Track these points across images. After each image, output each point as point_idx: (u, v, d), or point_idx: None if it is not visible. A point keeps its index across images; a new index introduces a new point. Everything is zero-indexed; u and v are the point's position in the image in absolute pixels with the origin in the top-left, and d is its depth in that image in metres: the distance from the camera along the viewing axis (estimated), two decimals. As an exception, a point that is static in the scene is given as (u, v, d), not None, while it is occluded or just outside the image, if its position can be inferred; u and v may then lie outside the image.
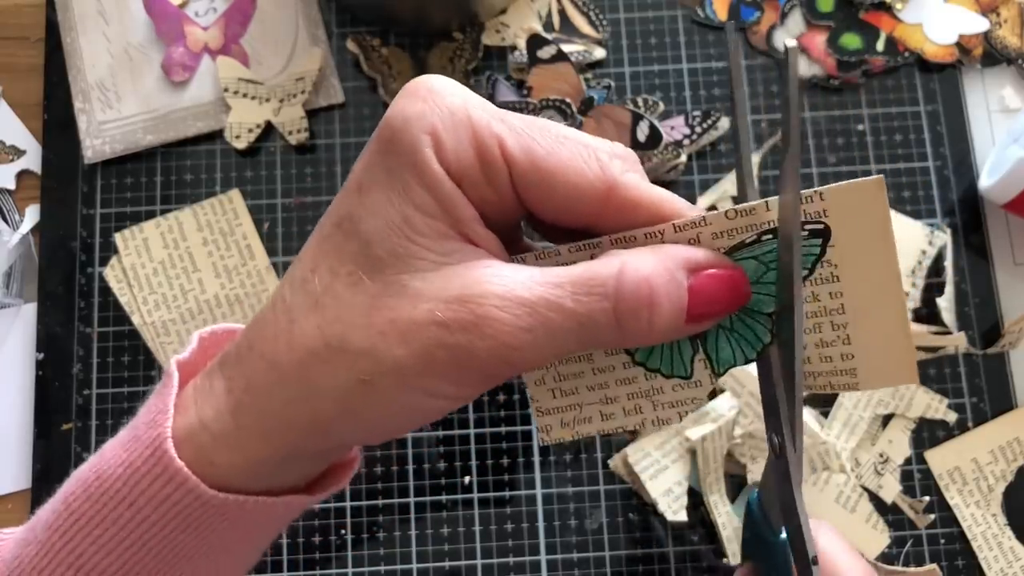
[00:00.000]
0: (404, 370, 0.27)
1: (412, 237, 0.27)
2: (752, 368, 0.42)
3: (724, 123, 0.57)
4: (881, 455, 0.52)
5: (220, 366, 0.30)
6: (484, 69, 0.58)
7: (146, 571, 0.31)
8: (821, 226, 0.27)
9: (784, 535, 0.33)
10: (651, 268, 0.27)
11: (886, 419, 0.53)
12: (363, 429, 0.29)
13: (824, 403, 0.53)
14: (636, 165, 0.29)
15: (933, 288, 0.54)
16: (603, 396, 0.31)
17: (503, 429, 0.52)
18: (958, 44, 0.58)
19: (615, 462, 0.52)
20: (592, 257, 0.28)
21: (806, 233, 0.27)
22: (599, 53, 0.58)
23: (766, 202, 0.27)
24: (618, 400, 0.30)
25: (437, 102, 0.27)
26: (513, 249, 0.30)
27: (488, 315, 0.26)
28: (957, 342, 0.53)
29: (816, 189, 0.27)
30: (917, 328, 0.53)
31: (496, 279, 0.27)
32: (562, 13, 0.59)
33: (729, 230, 0.28)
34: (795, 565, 0.31)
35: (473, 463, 0.52)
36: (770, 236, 0.27)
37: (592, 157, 0.28)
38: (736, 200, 0.45)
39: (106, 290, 0.54)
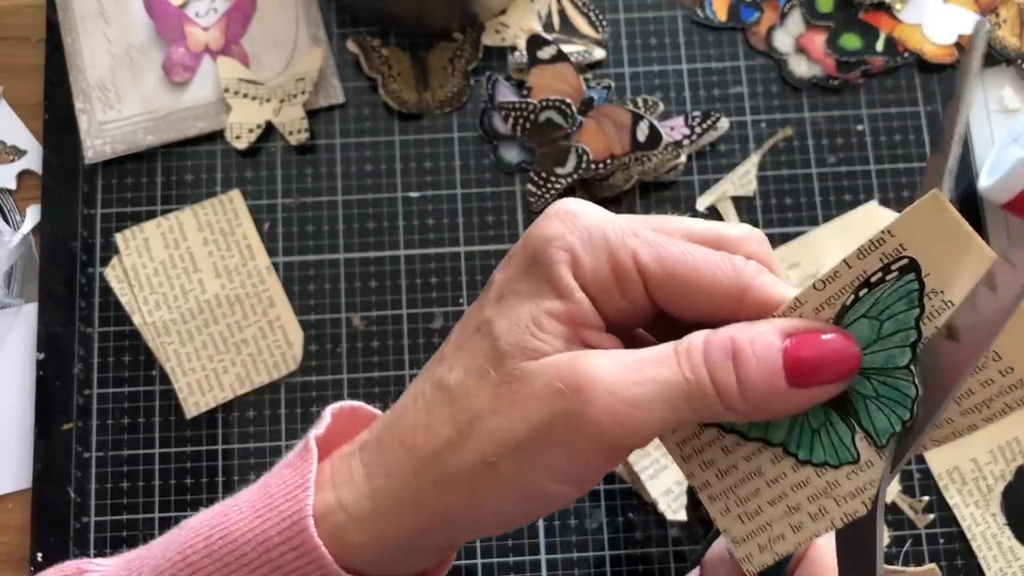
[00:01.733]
0: (524, 447, 0.28)
1: (536, 334, 0.29)
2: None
3: (724, 123, 0.57)
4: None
5: (360, 451, 0.32)
6: (484, 69, 0.58)
7: None
8: (906, 260, 0.27)
9: None
10: (733, 329, 0.28)
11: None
12: (489, 515, 0.30)
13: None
14: (763, 244, 0.30)
15: (933, 288, 0.54)
16: (785, 507, 0.30)
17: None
18: (958, 44, 0.58)
19: (615, 462, 0.52)
20: None
21: (895, 274, 0.27)
22: (599, 53, 0.58)
23: (844, 261, 0.28)
24: (801, 507, 0.30)
25: (576, 223, 0.29)
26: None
27: (596, 370, 0.27)
28: (957, 342, 0.53)
29: (882, 230, 0.27)
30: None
31: (602, 352, 0.28)
32: (562, 13, 0.59)
33: (827, 301, 0.28)
34: None
35: (473, 463, 0.52)
36: (865, 289, 0.28)
37: (725, 261, 0.29)
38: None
39: (107, 290, 0.54)
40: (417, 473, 0.30)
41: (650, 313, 0.30)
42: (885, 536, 0.51)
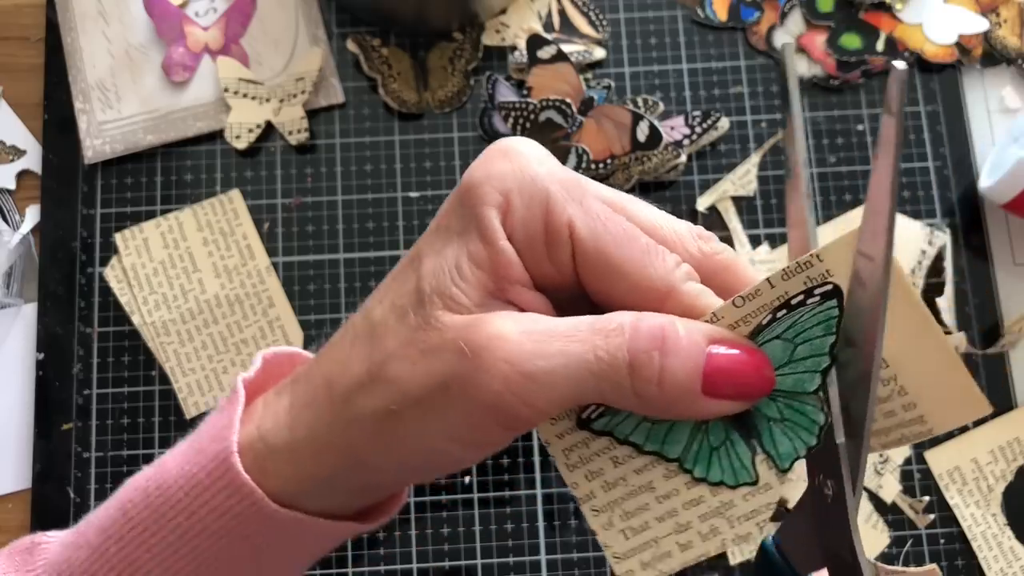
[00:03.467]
0: (423, 403, 0.27)
1: (457, 281, 0.28)
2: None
3: (724, 123, 0.57)
4: (881, 455, 0.52)
5: (292, 382, 0.32)
6: (484, 69, 0.58)
7: None
8: (831, 286, 0.26)
9: None
10: (668, 319, 0.27)
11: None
12: (394, 463, 0.30)
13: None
14: (712, 243, 0.29)
15: (933, 288, 0.54)
16: (675, 524, 0.29)
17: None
18: (958, 44, 0.58)
19: (615, 462, 0.52)
20: None
21: (817, 298, 0.26)
22: (599, 53, 0.58)
23: (768, 280, 0.27)
24: (691, 525, 0.29)
25: (520, 165, 0.28)
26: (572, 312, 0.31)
27: (501, 335, 0.26)
28: (957, 342, 0.53)
29: (811, 253, 0.26)
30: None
31: (515, 315, 0.27)
32: (562, 13, 0.59)
33: (744, 318, 0.27)
34: None
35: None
36: (784, 311, 0.27)
37: (660, 258, 0.28)
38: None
39: (106, 290, 0.54)
40: (332, 409, 0.29)
41: (572, 287, 0.29)
42: (885, 537, 0.51)
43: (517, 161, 0.28)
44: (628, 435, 0.29)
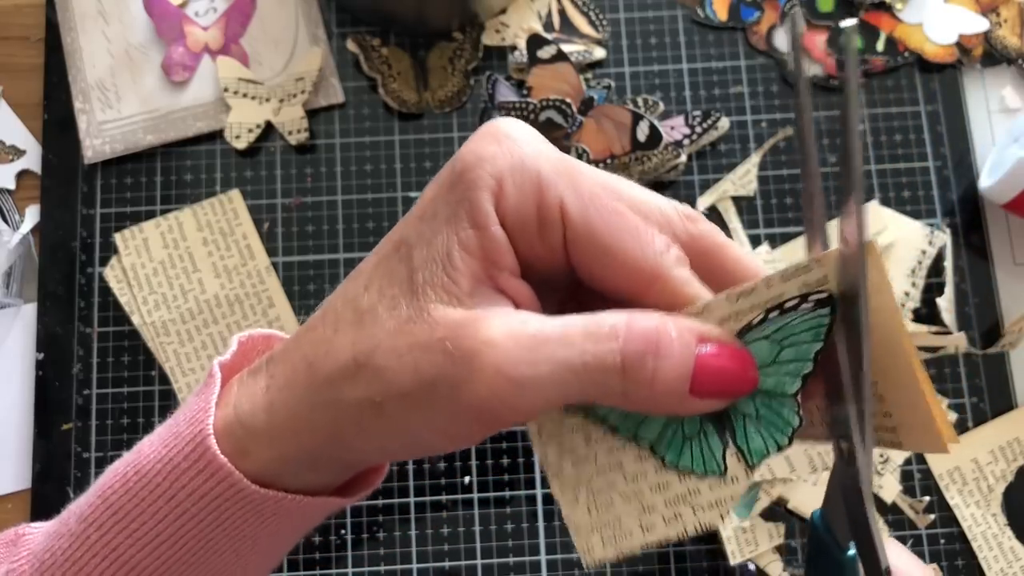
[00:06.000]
0: (408, 398, 0.27)
1: (449, 271, 0.28)
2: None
3: (724, 123, 0.57)
4: (881, 455, 0.52)
5: (267, 363, 0.31)
6: (484, 69, 0.58)
7: (177, 566, 0.31)
8: (826, 294, 0.27)
9: (852, 551, 0.32)
10: (661, 321, 0.27)
11: (886, 419, 0.53)
12: (376, 447, 0.30)
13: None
14: (700, 224, 0.29)
15: (933, 288, 0.54)
16: (640, 505, 0.30)
17: (503, 429, 0.52)
18: (958, 44, 0.58)
19: (615, 462, 0.52)
20: None
21: (811, 304, 0.27)
22: (599, 53, 0.58)
23: (765, 280, 0.27)
24: (656, 508, 0.30)
25: (512, 149, 0.28)
26: (560, 301, 0.31)
27: (491, 342, 0.26)
28: (957, 342, 0.53)
29: (811, 258, 0.27)
30: (917, 328, 0.53)
31: (507, 316, 0.27)
32: (562, 13, 0.59)
33: (735, 314, 0.27)
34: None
35: (473, 463, 0.52)
36: (776, 312, 0.27)
37: (651, 241, 0.28)
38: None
39: (106, 290, 0.54)
40: (312, 391, 0.29)
41: (563, 269, 0.29)
42: (885, 536, 0.51)
43: (508, 143, 0.28)
44: (603, 416, 0.29)
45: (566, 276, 0.30)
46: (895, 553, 0.35)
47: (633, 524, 0.30)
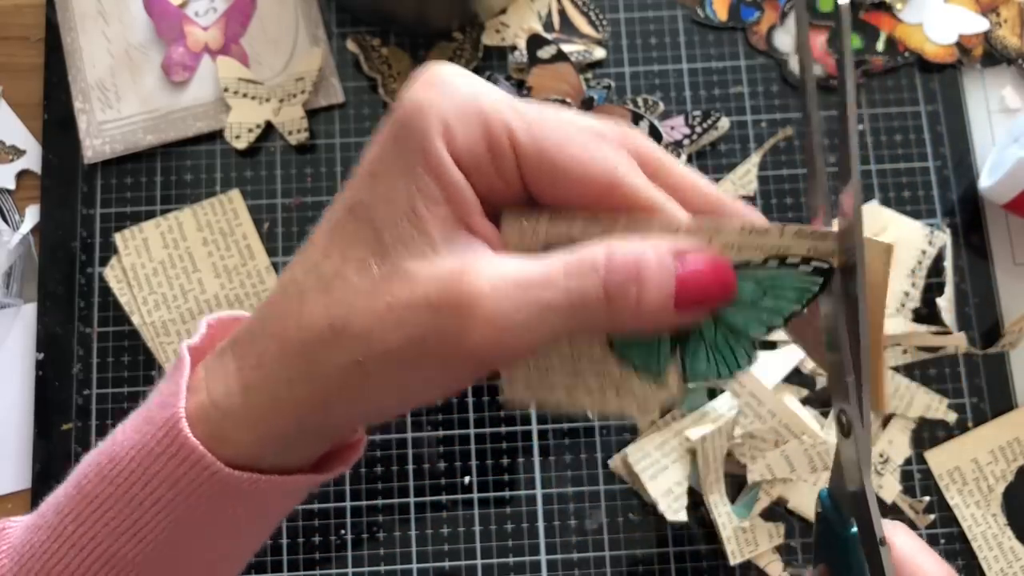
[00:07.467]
0: (395, 355, 0.27)
1: (417, 224, 0.27)
2: (754, 367, 0.41)
3: (724, 123, 0.57)
4: (881, 455, 0.52)
5: (232, 345, 0.31)
6: (484, 69, 0.58)
7: (157, 552, 0.31)
8: (827, 266, 0.28)
9: (855, 529, 0.32)
10: (639, 248, 0.27)
11: (886, 419, 0.53)
12: (361, 410, 0.30)
13: (824, 403, 0.53)
14: (638, 139, 0.29)
15: (933, 288, 0.54)
16: (573, 370, 0.30)
17: (503, 429, 0.52)
18: (958, 44, 0.58)
19: (615, 462, 0.52)
20: (604, 231, 0.29)
21: (810, 268, 0.28)
22: (599, 53, 0.58)
23: (781, 227, 0.28)
24: (586, 379, 0.30)
25: (450, 91, 0.28)
26: None
27: (478, 293, 0.26)
28: (957, 342, 0.53)
29: (830, 229, 0.27)
30: (917, 328, 0.53)
31: (489, 263, 0.27)
32: (562, 13, 0.59)
33: (739, 245, 0.28)
34: (864, 548, 0.30)
35: (473, 463, 0.52)
36: (776, 262, 0.28)
37: (600, 152, 0.28)
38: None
39: (106, 290, 0.54)
40: (288, 365, 0.29)
41: (519, 198, 0.29)
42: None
43: (444, 87, 0.28)
44: None
45: (520, 204, 0.30)
46: (903, 539, 0.35)
47: (560, 382, 0.31)
